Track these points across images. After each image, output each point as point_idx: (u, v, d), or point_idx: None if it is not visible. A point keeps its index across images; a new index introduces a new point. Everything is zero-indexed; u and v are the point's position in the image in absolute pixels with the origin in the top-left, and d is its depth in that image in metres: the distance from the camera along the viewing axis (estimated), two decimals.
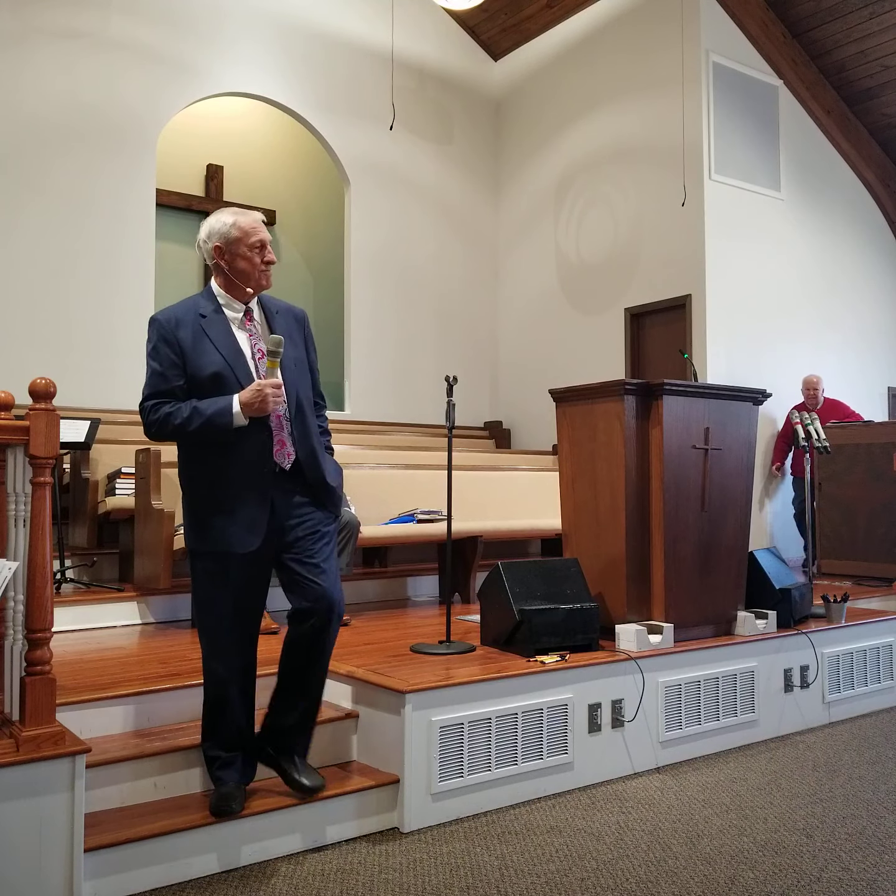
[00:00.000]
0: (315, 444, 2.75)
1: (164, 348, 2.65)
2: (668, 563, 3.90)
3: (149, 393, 2.67)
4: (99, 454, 5.49)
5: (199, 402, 2.60)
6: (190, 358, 2.63)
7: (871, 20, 7.44)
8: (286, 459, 2.68)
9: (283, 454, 2.68)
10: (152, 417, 2.66)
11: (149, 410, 2.67)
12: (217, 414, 2.57)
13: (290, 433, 2.69)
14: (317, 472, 2.73)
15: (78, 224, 6.94)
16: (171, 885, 2.56)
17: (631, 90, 7.92)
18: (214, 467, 2.64)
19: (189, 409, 2.59)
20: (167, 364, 2.65)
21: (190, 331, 2.64)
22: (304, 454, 2.71)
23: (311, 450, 2.73)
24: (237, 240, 2.69)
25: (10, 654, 2.40)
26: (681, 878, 2.63)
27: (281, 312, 2.82)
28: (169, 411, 2.62)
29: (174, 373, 2.64)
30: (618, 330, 8.02)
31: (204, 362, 2.62)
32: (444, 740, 3.07)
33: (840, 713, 4.40)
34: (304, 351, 2.84)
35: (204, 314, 2.68)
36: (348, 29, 8.37)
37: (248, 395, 2.57)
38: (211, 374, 2.61)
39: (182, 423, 2.59)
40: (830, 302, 8.33)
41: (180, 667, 3.50)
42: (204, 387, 2.62)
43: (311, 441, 2.74)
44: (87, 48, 7.03)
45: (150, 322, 2.70)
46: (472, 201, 9.23)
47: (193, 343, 2.63)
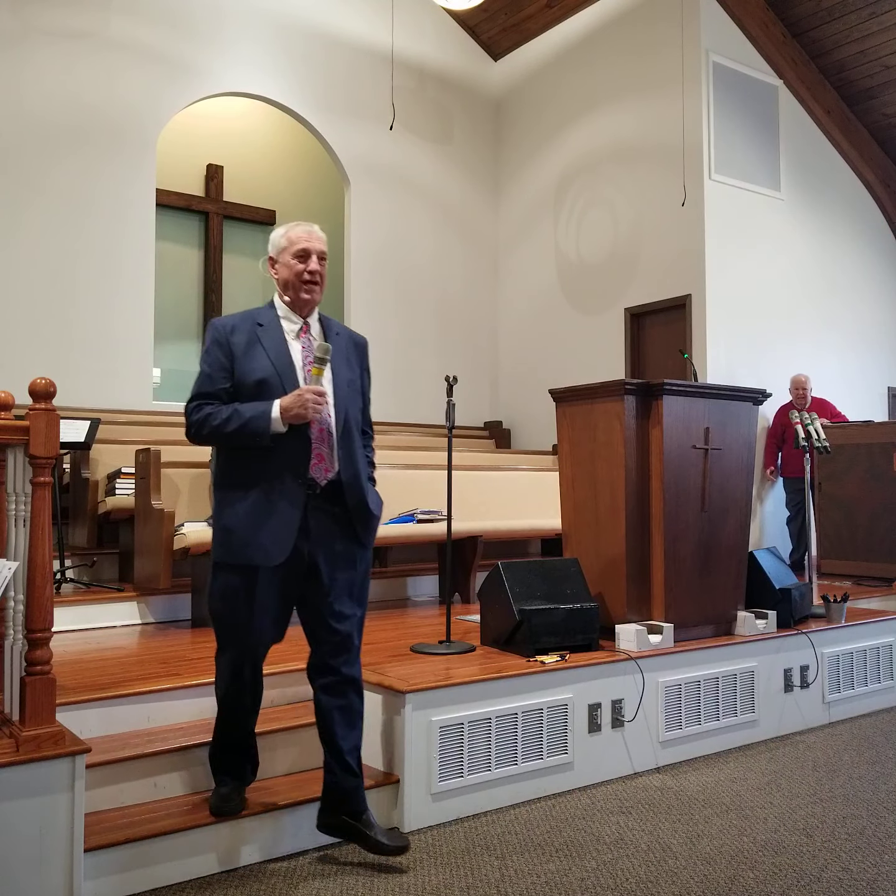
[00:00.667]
0: (360, 468, 2.68)
1: (215, 351, 2.64)
2: (668, 563, 3.90)
3: (194, 394, 2.64)
4: (99, 454, 5.49)
5: (240, 404, 2.57)
6: (240, 362, 2.61)
7: (871, 20, 7.44)
8: (323, 475, 2.60)
9: (321, 469, 2.60)
10: (194, 417, 2.61)
11: (191, 410, 2.63)
12: (256, 417, 2.53)
13: (332, 449, 2.63)
14: (359, 497, 2.65)
15: (78, 224, 6.94)
16: (171, 885, 2.56)
17: (631, 90, 7.92)
18: (248, 475, 2.58)
19: (229, 411, 2.56)
20: (216, 367, 2.63)
21: (245, 337, 2.63)
22: (347, 476, 2.63)
23: (355, 473, 2.66)
24: (284, 249, 2.68)
25: (10, 654, 2.40)
26: (681, 878, 2.63)
27: (341, 335, 2.78)
28: (210, 412, 2.58)
29: (221, 375, 2.62)
30: (618, 330, 8.02)
31: (253, 367, 2.60)
32: (444, 740, 3.07)
33: (840, 713, 4.40)
34: (359, 376, 2.79)
35: (261, 323, 2.66)
36: (348, 29, 8.37)
37: (289, 399, 2.53)
38: (258, 379, 2.58)
39: (220, 423, 2.55)
40: (830, 302, 8.33)
41: (180, 667, 3.49)
42: (250, 392, 2.59)
43: (356, 464, 2.67)
44: (88, 48, 7.03)
45: (207, 327, 2.70)
46: (472, 201, 9.23)
47: (246, 348, 2.61)
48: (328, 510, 2.62)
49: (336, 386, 2.67)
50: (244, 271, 9.15)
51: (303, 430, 2.57)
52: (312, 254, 2.66)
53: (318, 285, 2.68)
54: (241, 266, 9.12)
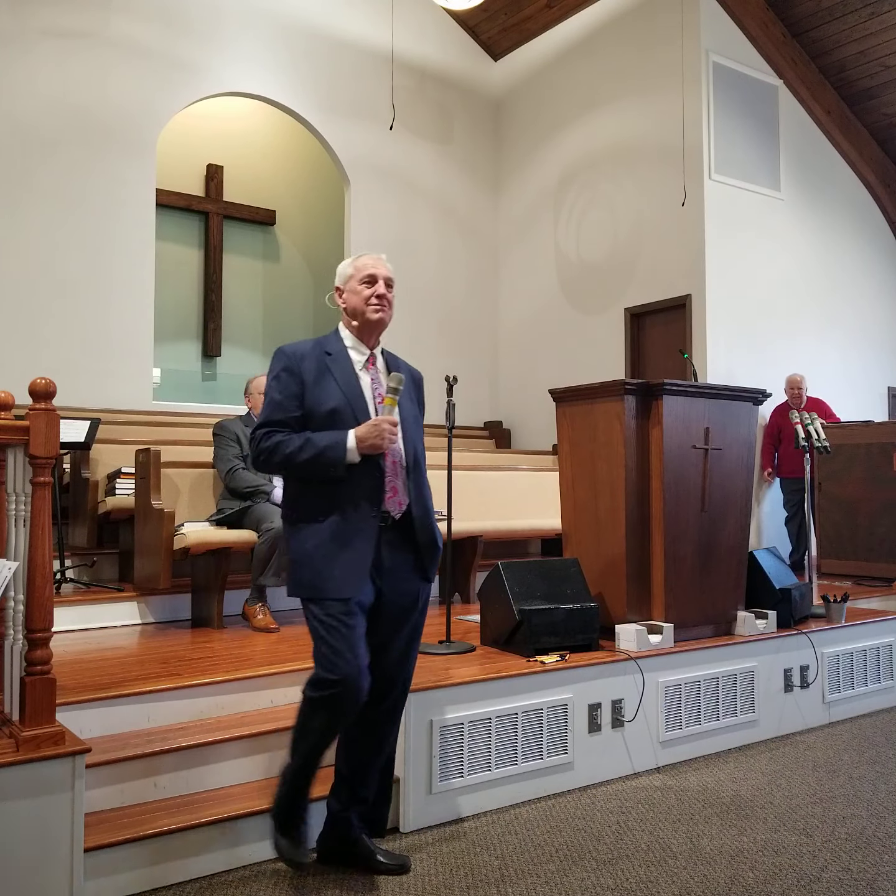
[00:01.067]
0: (429, 503, 2.68)
1: (286, 378, 2.59)
2: (668, 563, 3.90)
3: (263, 421, 2.59)
4: (99, 454, 5.49)
5: (313, 433, 2.53)
6: (311, 391, 2.57)
7: (872, 20, 7.44)
8: (397, 508, 2.58)
9: (395, 502, 2.58)
10: (263, 445, 2.55)
11: (260, 438, 2.57)
12: (330, 446, 2.49)
13: (404, 483, 2.61)
14: (430, 533, 2.64)
15: (78, 224, 6.94)
16: (171, 885, 2.56)
17: (631, 90, 7.92)
18: (322, 506, 2.52)
19: (302, 440, 2.51)
20: (287, 394, 2.58)
21: (314, 365, 2.60)
22: (419, 511, 2.62)
23: (426, 508, 2.65)
24: (350, 277, 2.68)
25: (10, 654, 2.40)
26: (681, 878, 2.63)
27: (402, 369, 2.75)
28: (281, 440, 2.53)
29: (292, 404, 2.57)
30: (618, 330, 8.02)
31: (324, 397, 2.56)
32: (444, 740, 3.07)
33: (840, 713, 4.40)
34: (418, 411, 2.78)
35: (330, 352, 2.63)
36: (348, 29, 8.37)
37: (365, 429, 2.50)
38: (330, 409, 2.55)
39: (293, 452, 2.50)
40: (830, 302, 8.33)
41: (180, 667, 3.49)
42: (321, 422, 2.55)
43: (426, 499, 2.66)
44: (86, 48, 7.03)
45: (274, 354, 2.66)
46: (472, 201, 9.23)
47: (316, 377, 2.58)
48: (397, 544, 2.60)
49: (403, 419, 2.64)
50: (244, 271, 9.15)
51: (376, 462, 2.54)
52: (380, 279, 2.65)
53: (387, 308, 2.65)
54: (241, 266, 9.12)
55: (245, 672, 3.35)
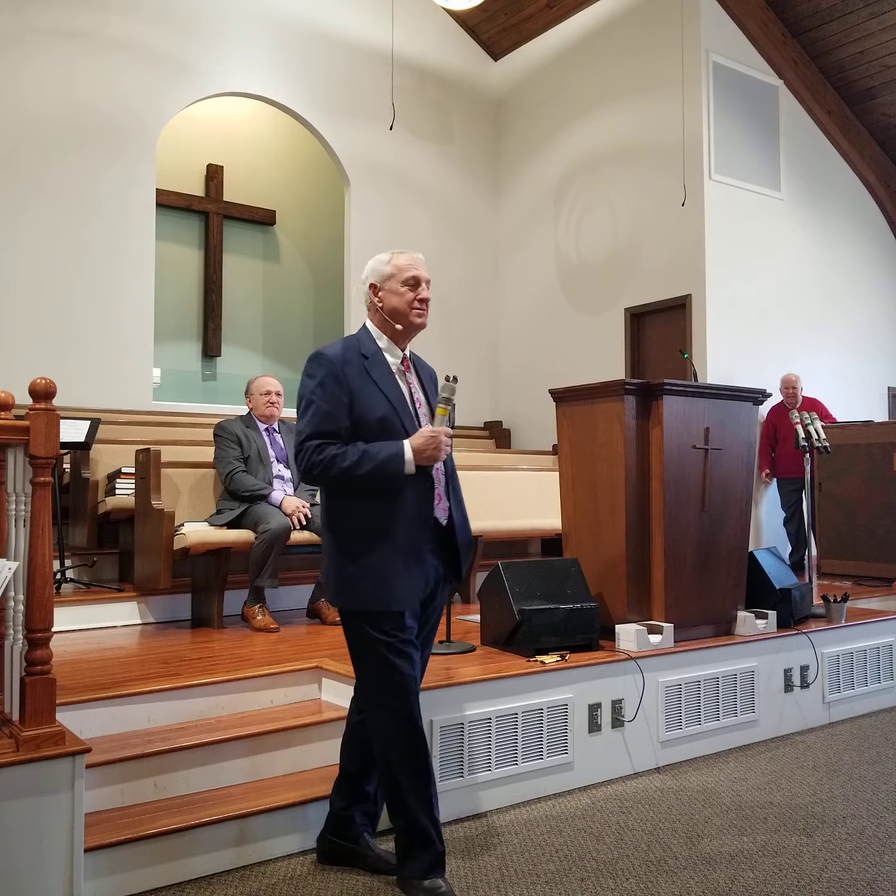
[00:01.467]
0: (464, 505, 2.68)
1: (332, 386, 2.48)
2: (668, 562, 3.90)
3: (312, 432, 2.47)
4: (99, 454, 5.49)
5: (366, 445, 2.45)
6: (357, 398, 2.48)
7: (872, 20, 7.44)
8: (443, 515, 2.57)
9: (441, 509, 2.57)
10: (315, 458, 2.44)
11: (312, 451, 2.45)
12: (389, 459, 2.42)
13: (446, 489, 2.60)
14: (468, 536, 2.65)
15: (78, 224, 6.94)
16: (171, 885, 2.56)
17: (631, 90, 7.92)
18: (376, 518, 2.47)
19: (358, 453, 2.43)
20: (335, 403, 2.47)
21: (356, 370, 2.51)
22: (458, 515, 2.62)
23: (464, 512, 2.66)
24: (391, 276, 2.61)
25: (10, 654, 2.40)
26: (681, 878, 2.63)
27: (423, 369, 2.73)
28: (336, 453, 2.43)
29: (342, 413, 2.47)
30: (618, 330, 8.02)
31: (370, 405, 2.48)
32: (444, 740, 3.07)
33: (840, 713, 4.40)
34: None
35: (366, 355, 2.56)
36: (348, 29, 8.37)
37: (421, 441, 2.45)
38: (378, 416, 2.48)
39: (350, 466, 2.42)
40: (831, 301, 8.33)
41: (180, 667, 3.49)
42: (370, 430, 2.47)
43: (463, 503, 2.66)
44: (87, 48, 7.03)
45: (314, 357, 2.54)
46: (472, 201, 9.23)
47: (360, 383, 2.50)
48: (435, 549, 2.58)
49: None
50: (244, 271, 9.15)
51: (427, 471, 2.51)
52: (422, 281, 2.62)
53: (426, 311, 2.63)
54: (241, 266, 9.12)
55: (245, 672, 3.35)
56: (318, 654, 3.64)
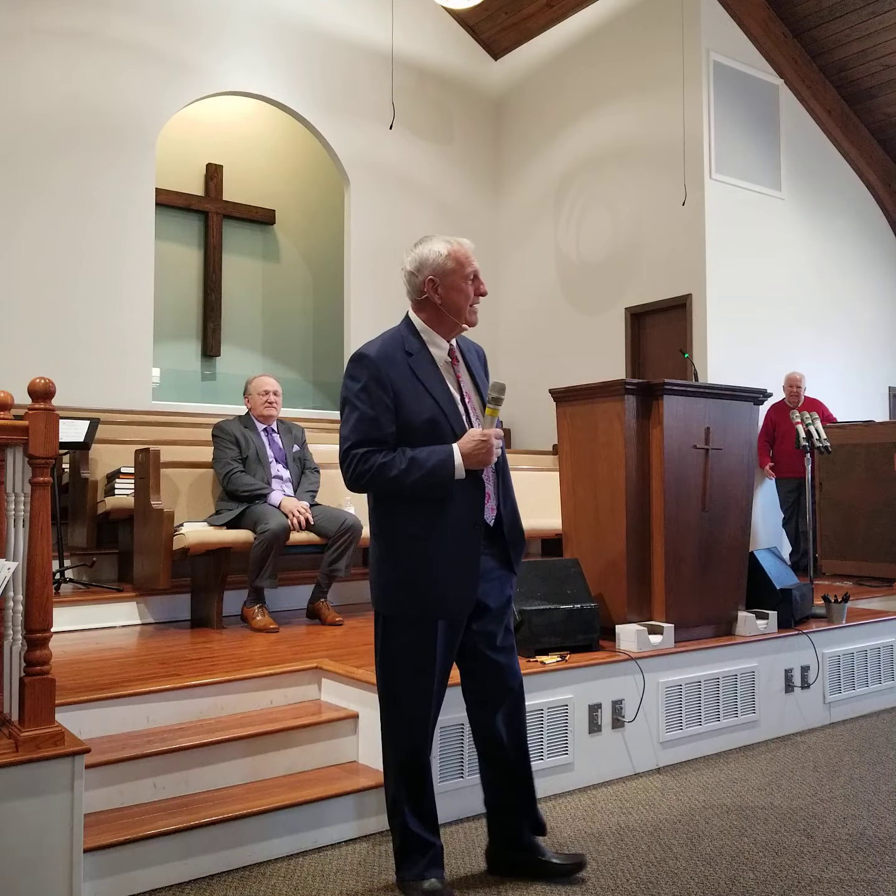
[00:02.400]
0: (515, 499, 2.57)
1: (376, 390, 2.37)
2: (669, 563, 3.89)
3: (357, 439, 2.37)
4: (98, 454, 5.49)
5: (413, 451, 2.35)
6: (402, 401, 2.38)
7: (872, 19, 7.44)
8: (490, 515, 2.48)
9: (489, 509, 2.48)
10: (362, 468, 2.35)
11: (358, 459, 2.36)
12: (439, 465, 2.33)
13: (496, 487, 2.51)
14: (518, 530, 2.57)
15: (77, 223, 6.94)
16: (171, 886, 2.56)
17: (631, 89, 7.91)
18: (425, 524, 2.39)
19: (406, 461, 2.34)
20: (380, 408, 2.37)
21: (400, 370, 2.40)
22: (507, 510, 2.53)
23: (514, 506, 2.56)
24: (452, 271, 2.49)
25: (9, 655, 2.39)
26: (681, 879, 2.62)
27: (470, 350, 2.61)
28: (383, 461, 2.34)
29: (387, 418, 2.37)
30: (618, 330, 8.01)
31: (417, 408, 2.38)
32: (445, 740, 3.06)
33: (841, 713, 4.39)
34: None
35: (410, 352, 2.44)
36: (348, 28, 8.36)
37: (471, 445, 2.35)
38: (425, 420, 2.38)
39: (398, 474, 2.33)
40: (831, 301, 8.33)
41: (180, 667, 3.49)
42: (417, 434, 2.38)
43: (513, 496, 2.56)
44: (87, 47, 7.02)
45: (357, 358, 2.44)
46: (472, 201, 9.22)
47: (405, 385, 2.39)
48: (486, 546, 2.49)
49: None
50: (244, 271, 9.14)
51: (477, 475, 2.42)
52: (479, 273, 2.54)
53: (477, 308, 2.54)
54: (240, 266, 9.11)
55: (244, 672, 3.35)
56: (318, 654, 3.64)
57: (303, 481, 4.76)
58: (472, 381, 2.56)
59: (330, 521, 4.48)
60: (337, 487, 5.26)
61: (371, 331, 9.15)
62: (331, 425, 7.71)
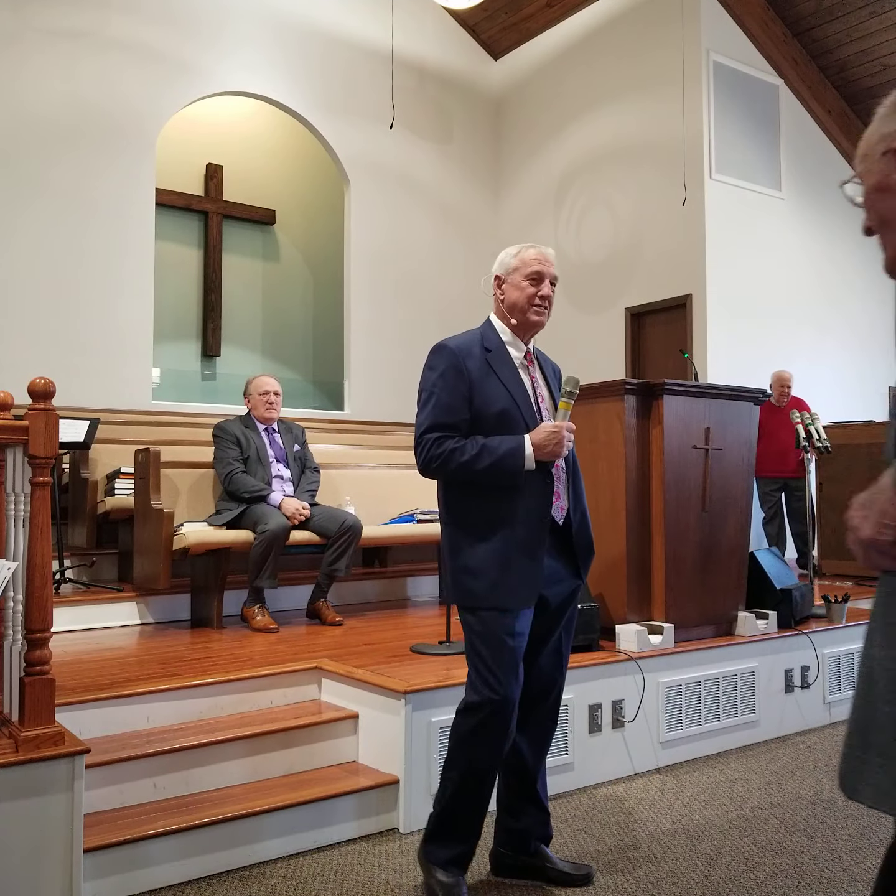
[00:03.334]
0: (586, 507, 2.61)
1: (453, 378, 2.45)
2: (669, 563, 3.89)
3: (431, 424, 2.44)
4: (98, 454, 5.49)
5: (486, 439, 2.40)
6: (478, 391, 2.44)
7: (872, 19, 7.44)
8: (560, 513, 2.50)
9: (558, 507, 2.49)
10: (434, 452, 2.41)
11: (430, 444, 2.42)
12: (509, 454, 2.36)
13: (566, 487, 2.53)
14: (587, 536, 2.58)
15: (77, 223, 6.94)
16: (171, 886, 2.56)
17: (631, 89, 7.91)
18: (492, 515, 2.41)
19: (477, 447, 2.38)
20: (456, 396, 2.44)
21: (478, 362, 2.47)
22: (577, 514, 2.55)
23: (584, 511, 2.59)
24: (514, 269, 2.54)
25: (9, 655, 2.39)
26: (681, 879, 2.62)
27: (546, 363, 2.67)
28: (454, 447, 2.39)
29: (462, 406, 2.43)
30: (618, 330, 8.01)
31: (492, 397, 2.44)
32: (444, 740, 3.06)
33: (841, 713, 4.39)
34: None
35: (489, 348, 2.51)
36: (348, 28, 8.37)
37: (543, 436, 2.39)
38: (499, 410, 2.43)
39: (469, 460, 2.37)
40: (831, 300, 8.33)
41: (180, 667, 3.49)
42: (489, 424, 2.42)
43: (584, 501, 2.60)
44: (87, 47, 7.02)
45: (437, 349, 2.52)
46: (472, 201, 9.22)
47: (481, 376, 2.46)
48: (553, 547, 2.50)
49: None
50: (244, 271, 9.14)
51: (547, 468, 2.44)
52: (546, 278, 2.53)
53: (547, 309, 2.56)
54: (240, 265, 9.12)
55: (245, 672, 3.35)
56: (318, 654, 3.63)
57: (302, 480, 4.76)
58: (546, 386, 2.61)
59: (330, 520, 4.48)
60: (337, 487, 5.27)
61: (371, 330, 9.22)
62: (331, 425, 7.71)
